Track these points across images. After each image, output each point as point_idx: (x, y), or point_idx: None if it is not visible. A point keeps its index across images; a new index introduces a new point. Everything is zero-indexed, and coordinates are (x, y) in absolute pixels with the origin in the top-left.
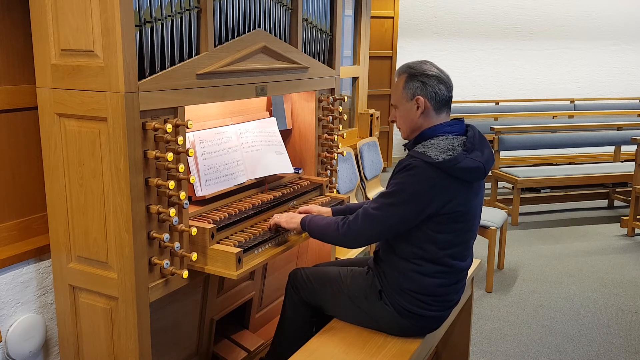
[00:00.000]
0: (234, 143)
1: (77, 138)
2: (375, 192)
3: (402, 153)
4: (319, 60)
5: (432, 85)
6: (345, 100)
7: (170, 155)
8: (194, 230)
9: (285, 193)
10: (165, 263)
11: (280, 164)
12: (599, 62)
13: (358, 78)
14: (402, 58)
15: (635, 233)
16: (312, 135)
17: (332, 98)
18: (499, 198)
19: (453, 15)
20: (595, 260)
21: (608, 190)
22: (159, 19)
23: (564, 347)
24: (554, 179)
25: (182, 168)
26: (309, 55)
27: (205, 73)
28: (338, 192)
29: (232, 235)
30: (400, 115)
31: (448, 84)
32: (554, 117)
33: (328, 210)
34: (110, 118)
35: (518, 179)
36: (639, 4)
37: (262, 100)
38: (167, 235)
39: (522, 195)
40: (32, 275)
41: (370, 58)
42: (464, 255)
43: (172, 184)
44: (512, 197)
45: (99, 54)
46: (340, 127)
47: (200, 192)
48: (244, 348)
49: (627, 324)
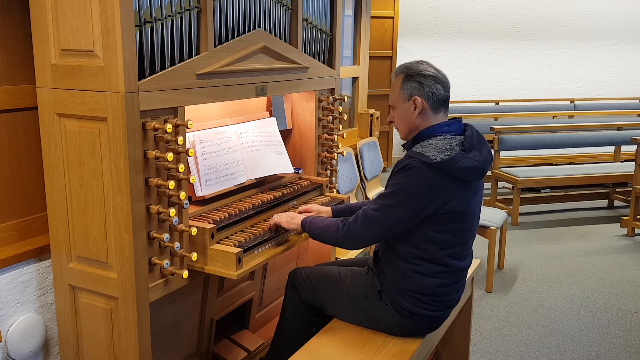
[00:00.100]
0: (234, 143)
1: (77, 138)
2: (375, 192)
3: (402, 153)
4: (319, 60)
5: (429, 86)
6: (345, 100)
7: (170, 155)
8: (194, 230)
9: (285, 193)
10: (165, 263)
11: (280, 164)
12: (599, 62)
13: (358, 78)
14: (402, 58)
15: (635, 233)
16: (312, 135)
17: (332, 98)
18: (499, 198)
19: (453, 15)
20: (595, 260)
21: (608, 190)
22: (159, 19)
23: (564, 347)
24: (554, 179)
25: (182, 168)
26: (309, 55)
27: (205, 73)
28: (338, 192)
29: (232, 235)
30: (398, 116)
31: (445, 84)
32: (554, 117)
33: (328, 210)
34: (110, 118)
35: (518, 179)
36: (639, 4)
37: (262, 100)
38: (167, 235)
39: (522, 195)
40: (32, 275)
41: (370, 58)
42: (464, 255)
43: (172, 184)
44: (512, 197)
45: (99, 54)
46: (340, 127)
47: (200, 192)
48: (244, 348)
49: (627, 324)
